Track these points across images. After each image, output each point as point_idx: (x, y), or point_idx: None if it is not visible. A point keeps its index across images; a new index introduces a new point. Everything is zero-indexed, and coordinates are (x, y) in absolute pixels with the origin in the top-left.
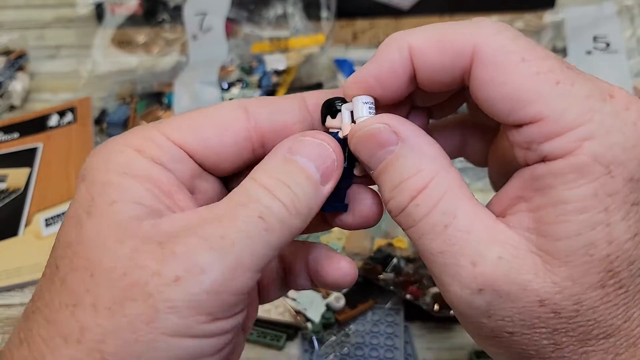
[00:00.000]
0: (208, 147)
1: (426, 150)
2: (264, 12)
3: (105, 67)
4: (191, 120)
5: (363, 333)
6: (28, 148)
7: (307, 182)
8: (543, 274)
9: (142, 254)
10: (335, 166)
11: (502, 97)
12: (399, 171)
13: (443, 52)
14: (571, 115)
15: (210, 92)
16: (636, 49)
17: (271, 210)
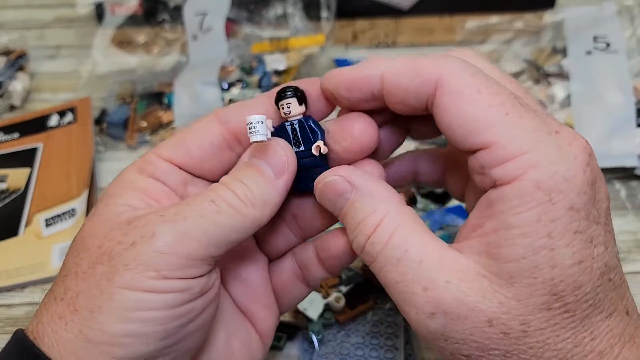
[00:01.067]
0: (191, 156)
1: (377, 194)
2: (264, 12)
3: (106, 67)
4: (176, 138)
5: (363, 333)
6: (28, 148)
7: (260, 178)
8: (490, 295)
9: (113, 231)
10: (285, 160)
11: (459, 123)
12: (355, 214)
13: (412, 77)
14: (518, 143)
15: (210, 92)
16: (636, 49)
17: (223, 197)
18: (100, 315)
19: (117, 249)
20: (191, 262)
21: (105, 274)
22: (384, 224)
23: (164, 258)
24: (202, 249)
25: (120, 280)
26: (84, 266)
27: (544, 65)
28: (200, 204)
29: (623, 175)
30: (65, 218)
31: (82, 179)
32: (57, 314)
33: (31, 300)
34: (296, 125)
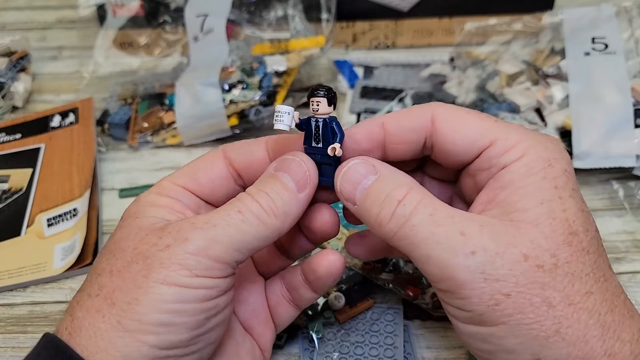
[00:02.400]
0: (200, 184)
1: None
2: (264, 13)
3: (107, 68)
4: (187, 170)
5: (363, 332)
6: (30, 149)
7: (283, 191)
8: (521, 236)
9: (149, 236)
10: (308, 176)
11: (462, 137)
12: (382, 189)
13: (410, 117)
14: (514, 136)
15: (211, 93)
16: (634, 50)
17: (249, 208)
18: (137, 307)
19: (152, 250)
20: (218, 264)
21: (141, 271)
22: (412, 192)
23: (196, 259)
24: (228, 253)
25: (156, 276)
26: (119, 265)
27: (543, 66)
28: (228, 213)
29: (621, 176)
30: (67, 218)
31: (84, 180)
32: (93, 308)
33: (33, 300)
34: (320, 123)
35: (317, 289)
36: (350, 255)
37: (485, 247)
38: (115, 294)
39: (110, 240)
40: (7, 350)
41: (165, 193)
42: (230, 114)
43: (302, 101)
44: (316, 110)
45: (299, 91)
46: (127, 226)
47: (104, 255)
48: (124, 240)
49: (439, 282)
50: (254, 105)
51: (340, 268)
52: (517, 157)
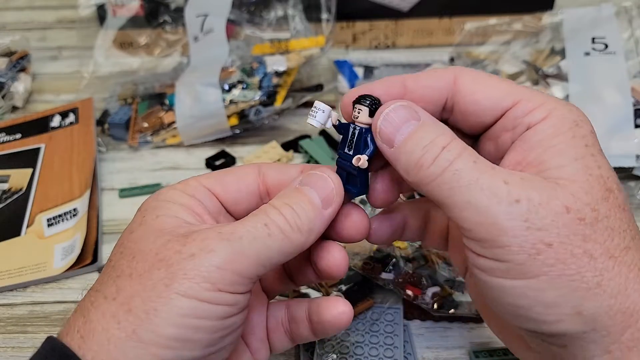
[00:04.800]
0: (227, 191)
1: (441, 124)
2: (264, 13)
3: (107, 69)
4: (217, 175)
5: (363, 332)
6: (30, 149)
7: (309, 206)
8: (561, 189)
9: (172, 242)
10: (334, 194)
11: (485, 96)
12: (425, 135)
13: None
14: (538, 97)
15: (211, 93)
16: (634, 50)
17: (275, 222)
18: (155, 318)
19: (175, 257)
20: (242, 279)
21: (163, 279)
22: (455, 141)
23: (220, 273)
24: (252, 267)
25: (178, 287)
26: (140, 269)
27: (543, 66)
28: (254, 225)
29: (621, 176)
30: (67, 218)
31: (84, 180)
32: (109, 312)
33: (33, 300)
34: (357, 131)
35: (317, 333)
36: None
37: (529, 197)
38: (133, 300)
39: (129, 238)
40: (7, 350)
41: (189, 191)
42: (230, 114)
43: (302, 101)
44: (356, 118)
45: (299, 91)
46: (147, 224)
47: (123, 255)
48: (144, 241)
49: (476, 229)
50: (254, 105)
51: (347, 321)
52: (542, 117)
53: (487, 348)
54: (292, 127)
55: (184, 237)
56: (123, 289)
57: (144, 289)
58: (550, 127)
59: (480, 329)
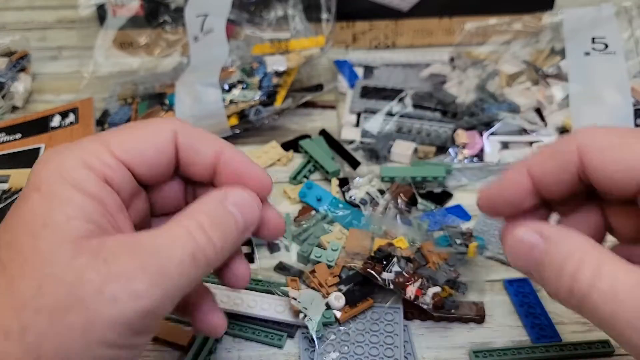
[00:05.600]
0: (144, 160)
1: (569, 237)
2: (264, 13)
3: (107, 69)
4: (131, 137)
5: (363, 332)
6: (30, 149)
7: (235, 230)
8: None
9: (89, 270)
10: (256, 218)
11: (616, 170)
12: (553, 259)
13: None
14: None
15: (211, 93)
16: (634, 50)
17: (203, 250)
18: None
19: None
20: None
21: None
22: (587, 259)
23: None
24: (172, 303)
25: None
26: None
27: (543, 66)
28: (181, 258)
29: None
30: None
31: None
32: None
33: None
34: None
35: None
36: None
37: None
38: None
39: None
40: None
41: (99, 169)
42: (230, 114)
43: (302, 101)
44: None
45: (299, 91)
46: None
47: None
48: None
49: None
50: (254, 105)
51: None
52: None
53: (487, 348)
54: (292, 127)
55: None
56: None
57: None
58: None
59: (480, 329)
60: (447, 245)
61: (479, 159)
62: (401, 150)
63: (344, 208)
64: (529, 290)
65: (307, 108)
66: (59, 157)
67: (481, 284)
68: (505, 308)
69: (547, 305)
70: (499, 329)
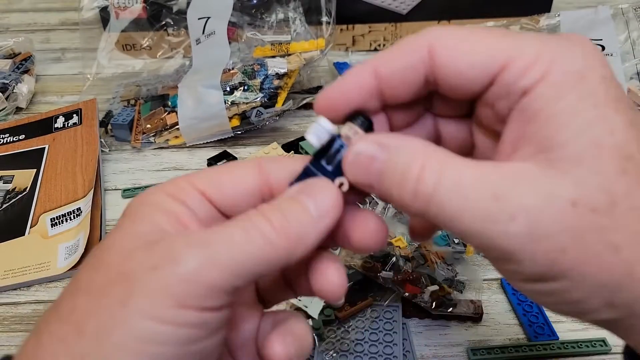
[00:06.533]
0: (223, 193)
1: (409, 143)
2: (265, 16)
3: (110, 70)
4: (212, 173)
5: (362, 330)
6: (34, 149)
7: (301, 212)
8: (562, 179)
9: (136, 251)
10: (333, 205)
11: (467, 66)
12: (396, 168)
13: (403, 54)
14: (530, 51)
15: (213, 94)
16: (631, 52)
17: (256, 226)
18: (107, 343)
19: (137, 270)
20: (213, 292)
21: (120, 296)
22: (429, 163)
23: (186, 285)
24: (225, 279)
25: (135, 307)
26: (98, 283)
27: None
28: (231, 231)
29: None
30: (71, 218)
31: (88, 180)
32: (58, 335)
33: (37, 299)
34: (344, 150)
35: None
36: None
37: (525, 207)
38: (87, 322)
39: (100, 246)
40: (11, 349)
41: (178, 196)
42: (231, 116)
43: (302, 103)
44: (348, 137)
45: (299, 93)
46: (119, 231)
47: (88, 265)
48: (111, 250)
49: (485, 252)
50: (255, 106)
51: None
52: (539, 78)
53: (485, 346)
54: (292, 129)
55: (150, 246)
56: (78, 308)
57: (99, 309)
58: (548, 88)
59: (478, 328)
60: (445, 245)
61: None
62: None
63: None
64: None
65: (307, 109)
66: (149, 191)
67: (479, 283)
68: (502, 306)
69: None
70: (497, 327)
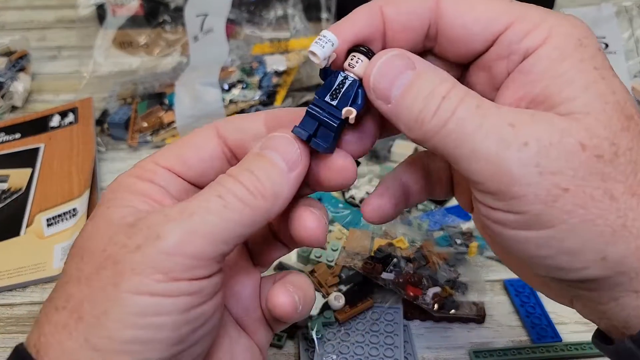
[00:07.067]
0: (189, 165)
1: (438, 69)
2: (264, 13)
3: (107, 68)
4: (174, 148)
5: (363, 332)
6: (30, 148)
7: (272, 169)
8: (575, 124)
9: (117, 235)
10: (300, 155)
11: (473, 19)
12: (425, 84)
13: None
14: (533, 17)
15: (211, 92)
16: (634, 50)
17: (231, 191)
18: (107, 322)
19: (121, 252)
20: (200, 261)
21: (111, 278)
22: (456, 87)
23: (172, 259)
24: (211, 247)
25: (127, 285)
26: (87, 271)
27: None
28: (206, 199)
29: None
30: (67, 218)
31: (84, 179)
32: (60, 324)
33: (32, 300)
34: (349, 81)
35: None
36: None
37: (538, 137)
38: (83, 307)
39: (79, 238)
40: (6, 350)
41: (146, 176)
42: (230, 114)
43: (302, 101)
44: (352, 67)
45: (298, 91)
46: (97, 218)
47: (72, 257)
48: (93, 238)
49: (487, 181)
50: (254, 104)
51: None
52: (543, 39)
53: (488, 348)
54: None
55: (129, 227)
56: (73, 296)
57: (92, 293)
58: (553, 50)
59: (480, 329)
60: (447, 245)
61: None
62: (401, 150)
63: (343, 208)
64: (529, 290)
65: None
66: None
67: (481, 284)
68: (505, 308)
69: (547, 306)
70: (499, 329)
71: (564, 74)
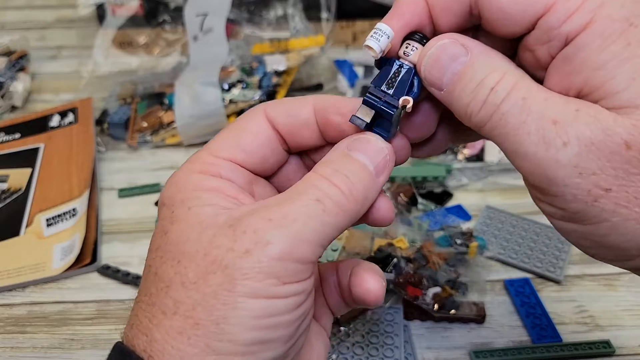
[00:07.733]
0: (248, 153)
1: (493, 55)
2: (264, 13)
3: (107, 68)
4: (228, 138)
5: (363, 332)
6: (29, 148)
7: (362, 172)
8: (622, 120)
9: (218, 237)
10: (387, 160)
11: (510, 2)
12: (475, 74)
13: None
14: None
15: (211, 92)
16: None
17: (328, 195)
18: (227, 326)
19: (229, 257)
20: (305, 265)
21: (223, 284)
22: (506, 76)
23: (282, 265)
24: (313, 251)
25: (242, 290)
26: (192, 277)
27: None
28: (305, 203)
29: None
30: (66, 218)
31: (83, 179)
32: (174, 329)
33: (32, 300)
34: (404, 69)
35: (350, 304)
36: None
37: (578, 136)
38: (197, 312)
39: (164, 240)
40: (6, 351)
41: (211, 171)
42: (229, 114)
43: None
44: (407, 55)
45: (298, 90)
46: (180, 220)
47: (164, 260)
48: (186, 241)
49: (529, 177)
50: (254, 104)
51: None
52: (584, 24)
53: (488, 348)
54: None
55: (230, 229)
56: (181, 302)
57: (205, 298)
58: (595, 37)
59: (480, 330)
60: (447, 246)
61: (479, 158)
62: None
63: None
64: (529, 290)
65: None
66: (176, 175)
67: (482, 284)
68: (505, 308)
69: (548, 306)
70: (500, 329)
71: (604, 64)
